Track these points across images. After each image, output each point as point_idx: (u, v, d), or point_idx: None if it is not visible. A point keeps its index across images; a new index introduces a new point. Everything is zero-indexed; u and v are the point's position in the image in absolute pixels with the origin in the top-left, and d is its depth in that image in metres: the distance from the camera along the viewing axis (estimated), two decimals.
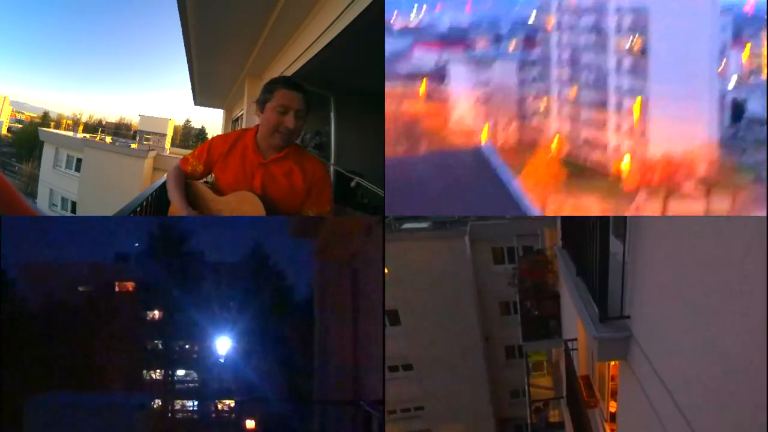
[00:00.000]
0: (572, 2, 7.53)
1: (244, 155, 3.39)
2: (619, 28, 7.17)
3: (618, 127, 6.99)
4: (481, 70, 7.94)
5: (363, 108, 8.50)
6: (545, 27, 7.96)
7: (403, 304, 16.10)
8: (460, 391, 17.59)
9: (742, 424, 2.05)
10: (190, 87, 13.93)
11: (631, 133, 6.68)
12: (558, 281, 9.04)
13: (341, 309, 3.77)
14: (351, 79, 8.17)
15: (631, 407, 3.83)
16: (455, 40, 8.47)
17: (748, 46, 7.15)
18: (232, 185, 3.38)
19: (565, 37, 7.77)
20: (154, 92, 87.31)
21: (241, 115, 13.13)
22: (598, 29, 7.38)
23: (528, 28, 8.30)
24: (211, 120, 43.62)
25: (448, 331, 16.64)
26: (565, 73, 7.76)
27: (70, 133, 34.31)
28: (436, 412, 18.27)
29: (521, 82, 8.28)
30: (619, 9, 7.18)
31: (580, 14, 7.59)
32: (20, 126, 45.26)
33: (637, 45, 6.48)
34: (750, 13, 7.23)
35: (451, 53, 8.27)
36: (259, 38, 8.09)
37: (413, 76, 8.06)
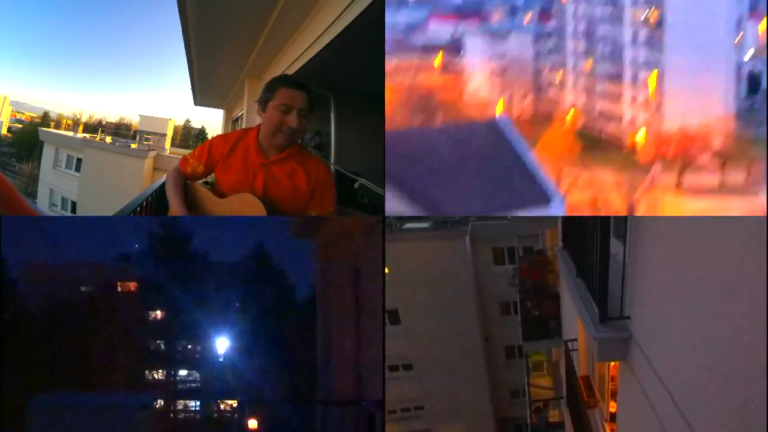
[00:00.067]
0: None
1: (245, 155, 3.30)
2: (635, 0, 7.02)
3: (633, 100, 6.85)
4: (496, 42, 7.80)
5: (363, 108, 8.50)
6: None
7: (403, 303, 16.10)
8: (460, 391, 17.58)
9: (742, 424, 2.05)
10: (190, 87, 13.94)
11: (646, 106, 6.56)
12: (558, 282, 9.03)
13: (343, 309, 3.77)
14: (351, 79, 8.16)
15: (631, 407, 3.83)
16: (471, 12, 8.32)
17: (765, 18, 6.97)
18: (234, 186, 3.30)
19: (581, 9, 7.59)
20: (154, 92, 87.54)
21: (241, 115, 13.13)
22: (614, 1, 7.20)
23: (543, 0, 8.16)
24: (211, 120, 43.71)
25: (449, 330, 16.64)
26: (580, 46, 7.59)
27: (70, 133, 34.34)
28: (436, 412, 18.26)
29: (537, 55, 8.13)
30: None
31: None
32: (20, 126, 45.30)
33: (653, 17, 6.36)
34: None
35: (467, 25, 8.11)
36: (259, 38, 8.09)
37: (429, 49, 7.92)
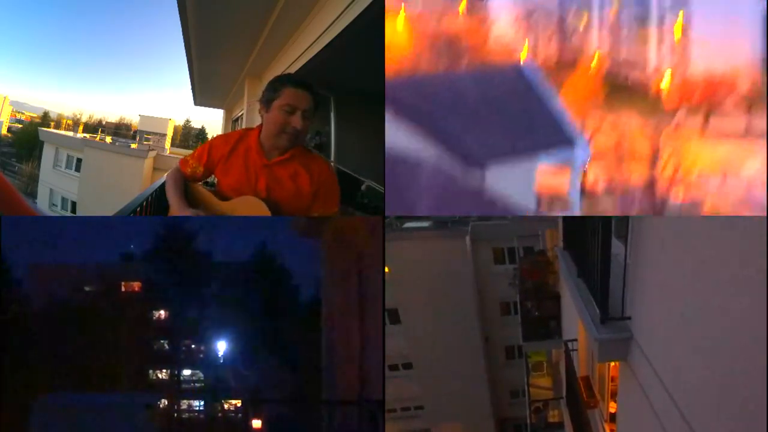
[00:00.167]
0: None
1: (247, 156, 3.22)
2: None
3: (659, 45, 6.82)
4: None
5: (363, 108, 8.49)
6: None
7: (403, 303, 16.10)
8: (460, 391, 17.59)
9: (742, 424, 2.05)
10: (190, 87, 13.94)
11: (672, 51, 6.52)
12: (558, 282, 9.03)
13: (348, 309, 3.76)
14: (351, 79, 8.17)
15: (631, 408, 3.83)
16: None
17: None
18: (235, 188, 3.23)
19: None
20: (154, 92, 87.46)
21: (241, 115, 13.12)
22: None
23: None
24: (211, 120, 43.70)
25: (449, 330, 16.64)
26: None
27: (70, 133, 34.32)
28: (435, 412, 18.27)
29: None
30: None
31: None
32: (20, 126, 45.31)
33: None
34: None
35: None
36: (259, 38, 8.09)
37: None
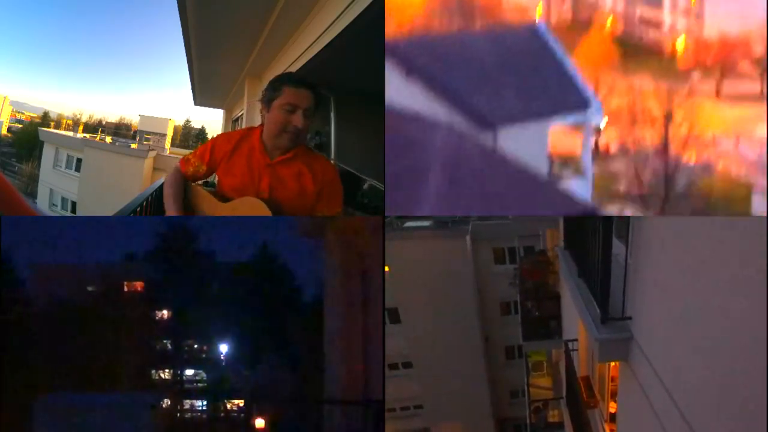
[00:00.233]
0: None
1: (250, 156, 3.17)
2: None
3: (674, 6, 6.55)
4: None
5: (363, 108, 8.49)
6: None
7: (403, 302, 16.10)
8: (459, 390, 17.60)
9: (742, 425, 2.05)
10: (190, 87, 13.94)
11: (687, 12, 6.27)
12: (559, 282, 9.03)
13: (350, 309, 3.76)
14: (351, 79, 8.16)
15: (631, 408, 3.83)
16: None
17: None
18: (238, 187, 3.18)
19: None
20: (154, 92, 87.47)
21: (241, 115, 13.12)
22: None
23: None
24: (211, 120, 43.74)
25: (449, 330, 16.65)
26: None
27: (70, 133, 34.33)
28: (435, 411, 18.27)
29: None
30: None
31: None
32: (20, 126, 45.31)
33: None
34: None
35: None
36: (259, 38, 8.09)
37: None
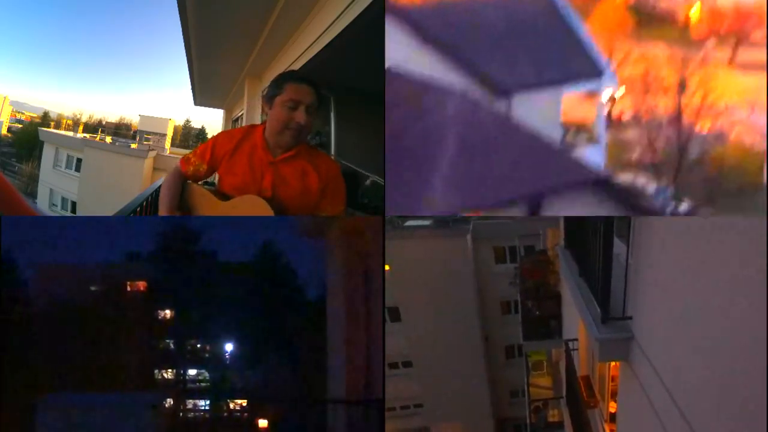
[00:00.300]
0: None
1: (252, 154, 3.13)
2: None
3: None
4: None
5: (363, 108, 8.49)
6: None
7: (404, 301, 16.11)
8: (459, 390, 17.60)
9: (742, 425, 2.05)
10: (190, 87, 13.94)
11: None
12: (559, 281, 9.03)
13: (352, 309, 3.76)
14: (351, 79, 8.16)
15: (632, 408, 3.83)
16: None
17: None
18: (240, 186, 3.13)
19: None
20: (154, 92, 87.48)
21: (241, 115, 13.12)
22: None
23: None
24: (211, 120, 43.79)
25: (449, 329, 16.65)
26: None
27: (70, 133, 34.33)
28: (435, 410, 18.28)
29: None
30: None
31: None
32: (20, 126, 45.31)
33: None
34: None
35: None
36: (259, 38, 8.09)
37: None
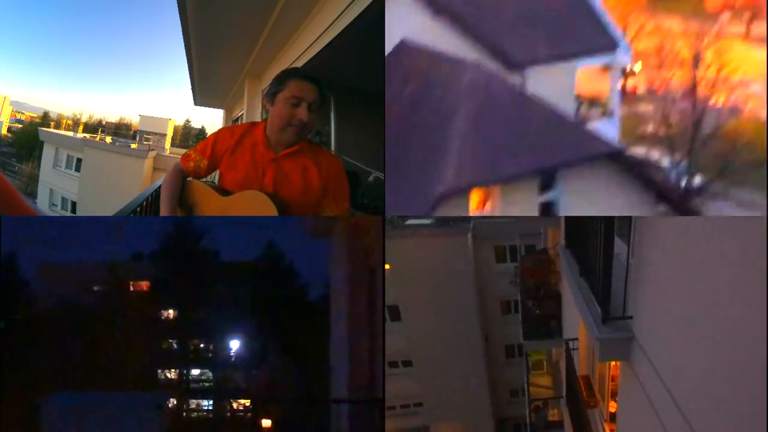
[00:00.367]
0: None
1: (254, 151, 3.11)
2: None
3: None
4: None
5: (363, 108, 8.48)
6: None
7: (404, 300, 16.10)
8: (459, 389, 17.60)
9: (742, 425, 2.05)
10: (190, 87, 13.92)
11: None
12: (560, 281, 9.03)
13: (356, 309, 3.77)
14: (351, 79, 8.15)
15: (632, 407, 3.83)
16: None
17: None
18: (241, 183, 3.11)
19: None
20: (154, 92, 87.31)
21: (241, 115, 13.10)
22: None
23: None
24: (211, 120, 43.62)
25: (449, 328, 16.65)
26: None
27: (70, 133, 34.30)
28: (435, 409, 18.28)
29: None
30: None
31: None
32: (20, 126, 45.23)
33: None
34: None
35: None
36: (259, 38, 8.08)
37: None
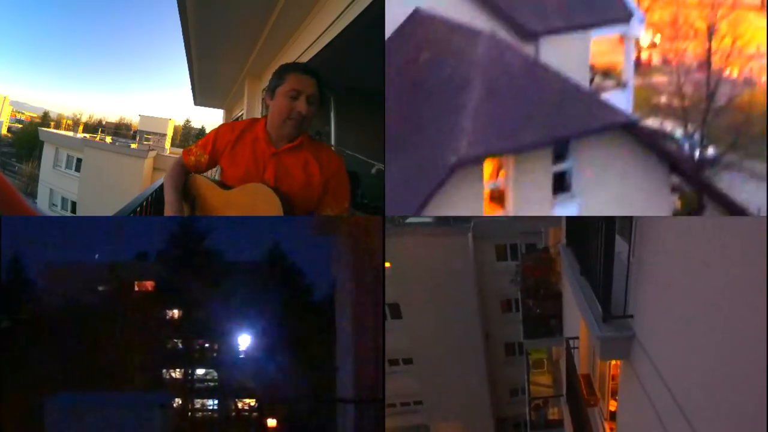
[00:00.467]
0: None
1: (254, 145, 3.13)
2: None
3: None
4: None
5: (363, 108, 8.48)
6: None
7: (404, 298, 16.09)
8: (459, 387, 17.59)
9: (742, 424, 2.06)
10: (190, 87, 13.93)
11: None
12: (560, 280, 9.04)
13: (360, 308, 3.77)
14: (351, 79, 8.16)
15: (632, 406, 3.84)
16: None
17: None
18: (242, 177, 3.12)
19: None
20: (154, 92, 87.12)
21: (241, 115, 13.10)
22: None
23: None
24: (211, 120, 43.55)
25: (449, 326, 16.64)
26: None
27: (70, 133, 34.27)
28: (435, 407, 18.27)
29: None
30: None
31: None
32: (20, 126, 45.17)
33: None
34: None
35: None
36: (259, 38, 8.09)
37: None
